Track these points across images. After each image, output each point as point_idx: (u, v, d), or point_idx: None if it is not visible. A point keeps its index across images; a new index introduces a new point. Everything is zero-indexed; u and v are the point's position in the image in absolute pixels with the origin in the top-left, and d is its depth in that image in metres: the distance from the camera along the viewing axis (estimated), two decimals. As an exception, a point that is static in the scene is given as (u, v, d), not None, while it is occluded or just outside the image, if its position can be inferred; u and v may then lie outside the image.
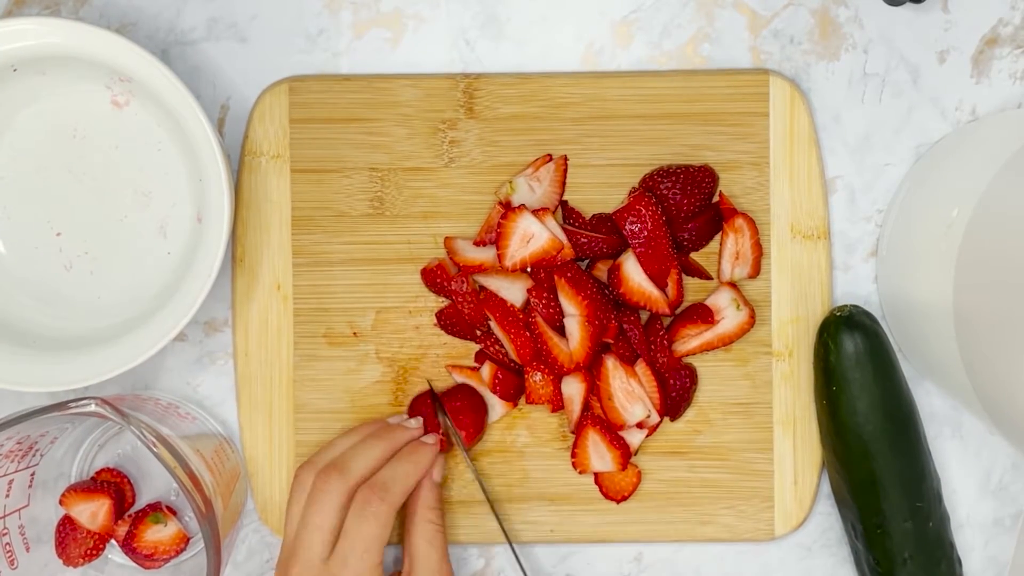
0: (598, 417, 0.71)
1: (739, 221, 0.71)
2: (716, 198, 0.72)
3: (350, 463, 0.66)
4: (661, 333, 0.71)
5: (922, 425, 0.71)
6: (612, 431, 0.71)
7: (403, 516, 0.68)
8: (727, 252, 0.72)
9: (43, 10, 0.73)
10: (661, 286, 0.70)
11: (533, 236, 0.69)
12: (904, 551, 0.69)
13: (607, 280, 0.71)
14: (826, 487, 0.73)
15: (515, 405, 0.72)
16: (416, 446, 0.68)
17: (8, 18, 0.66)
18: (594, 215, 0.72)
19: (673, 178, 0.71)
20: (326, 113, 0.72)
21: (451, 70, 0.73)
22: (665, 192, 0.71)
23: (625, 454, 0.71)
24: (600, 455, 0.71)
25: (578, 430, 0.71)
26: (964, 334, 0.62)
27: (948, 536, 0.71)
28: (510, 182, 0.71)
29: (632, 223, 0.69)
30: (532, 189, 0.71)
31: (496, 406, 0.72)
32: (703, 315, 0.71)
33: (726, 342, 0.72)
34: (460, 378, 0.72)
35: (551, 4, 0.73)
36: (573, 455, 0.72)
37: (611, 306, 0.71)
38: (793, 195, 0.73)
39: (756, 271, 0.72)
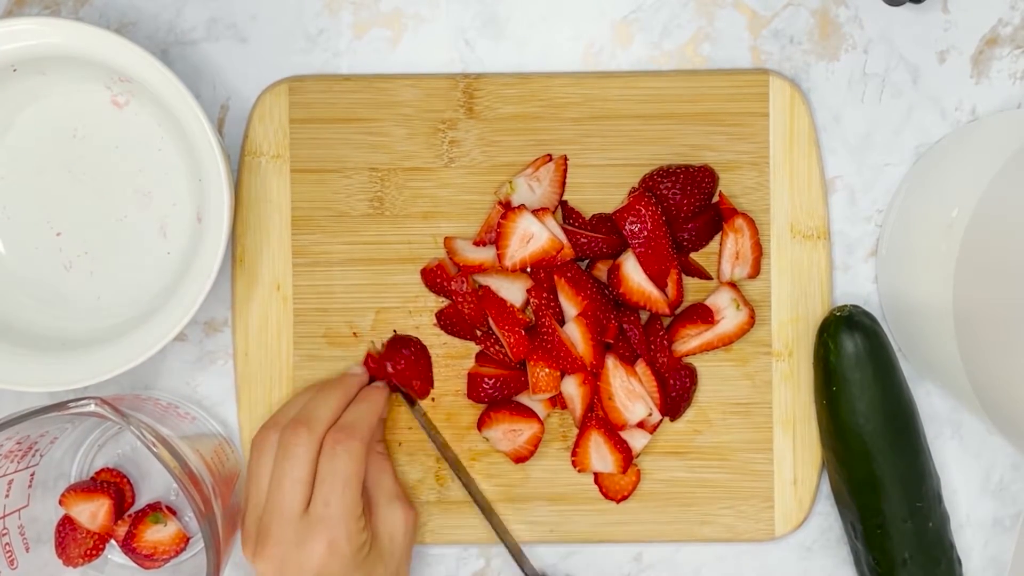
0: (602, 419, 0.71)
1: (739, 221, 0.71)
2: (716, 198, 0.72)
3: (313, 414, 0.67)
4: (661, 333, 0.71)
5: (922, 425, 0.71)
6: (615, 434, 0.71)
7: None
8: (727, 252, 0.72)
9: (43, 10, 0.73)
10: (661, 286, 0.70)
11: (533, 236, 0.69)
12: (904, 551, 0.69)
13: (607, 280, 0.71)
14: (826, 487, 0.73)
15: (553, 405, 0.72)
16: (370, 390, 0.71)
17: (8, 18, 0.66)
18: (594, 215, 0.72)
19: (673, 178, 0.71)
20: (326, 113, 0.72)
21: (451, 70, 0.73)
22: (665, 192, 0.71)
23: (627, 458, 0.71)
24: (602, 457, 0.71)
25: (581, 430, 0.71)
26: (964, 334, 0.62)
27: (948, 536, 0.71)
28: (510, 182, 0.71)
29: (632, 223, 0.69)
30: (532, 189, 0.71)
31: (538, 408, 0.72)
32: (703, 315, 0.71)
33: (726, 342, 0.72)
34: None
35: (551, 4, 0.73)
36: (573, 454, 0.71)
37: (611, 306, 0.70)
38: (793, 195, 0.72)
39: (756, 271, 0.72)
